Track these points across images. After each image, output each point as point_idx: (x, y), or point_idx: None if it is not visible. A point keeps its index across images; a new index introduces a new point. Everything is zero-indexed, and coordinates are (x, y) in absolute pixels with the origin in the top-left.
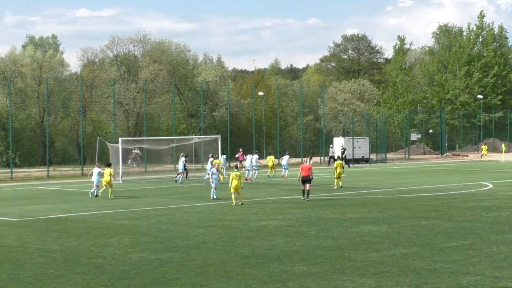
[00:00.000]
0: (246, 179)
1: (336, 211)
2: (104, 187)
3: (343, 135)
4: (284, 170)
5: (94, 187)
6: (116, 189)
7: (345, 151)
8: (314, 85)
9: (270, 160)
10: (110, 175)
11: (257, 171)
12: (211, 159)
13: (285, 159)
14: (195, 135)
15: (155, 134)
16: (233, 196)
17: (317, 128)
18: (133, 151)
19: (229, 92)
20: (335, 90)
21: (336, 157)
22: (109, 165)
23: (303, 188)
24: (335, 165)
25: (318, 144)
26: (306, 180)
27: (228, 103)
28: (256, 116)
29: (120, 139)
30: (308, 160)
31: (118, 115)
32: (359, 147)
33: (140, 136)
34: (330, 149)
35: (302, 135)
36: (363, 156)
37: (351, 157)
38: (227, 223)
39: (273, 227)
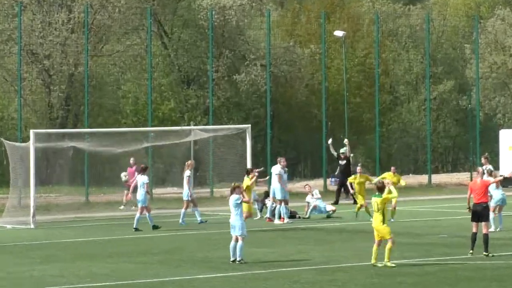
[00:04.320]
0: (269, 219)
1: None
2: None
3: None
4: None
5: (142, 212)
6: (26, 242)
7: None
8: (455, 15)
9: (391, 177)
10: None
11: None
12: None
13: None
14: (194, 124)
15: (110, 122)
16: (374, 248)
17: (464, 108)
18: None
19: (269, 32)
20: (502, 26)
21: None
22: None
23: (474, 230)
24: None
25: (466, 143)
26: (480, 212)
27: (268, 54)
28: (329, 83)
29: (32, 131)
30: (483, 173)
31: (29, 81)
32: None
33: (76, 126)
34: (330, 144)
35: (430, 123)
36: None
37: None
38: None
39: None
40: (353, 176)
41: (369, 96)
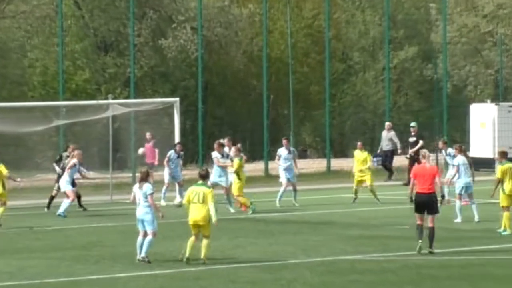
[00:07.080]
0: (242, 206)
1: None
2: None
3: (496, 99)
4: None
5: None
6: None
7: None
8: None
9: (360, 159)
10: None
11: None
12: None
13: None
14: (113, 97)
15: (15, 95)
16: (190, 240)
17: (429, 79)
18: None
19: None
20: None
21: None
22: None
23: (419, 222)
24: (497, 175)
25: (431, 120)
26: (427, 203)
27: (199, 15)
28: (271, 49)
29: None
30: (427, 156)
31: None
32: None
33: None
34: None
35: (389, 96)
36: None
37: None
38: None
39: None
40: None
41: (318, 65)
